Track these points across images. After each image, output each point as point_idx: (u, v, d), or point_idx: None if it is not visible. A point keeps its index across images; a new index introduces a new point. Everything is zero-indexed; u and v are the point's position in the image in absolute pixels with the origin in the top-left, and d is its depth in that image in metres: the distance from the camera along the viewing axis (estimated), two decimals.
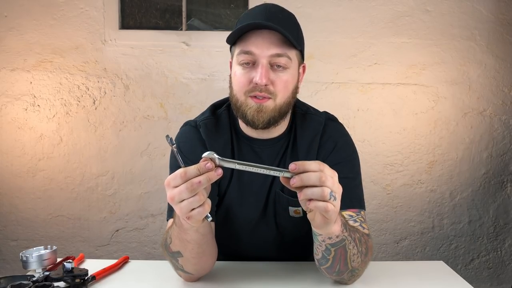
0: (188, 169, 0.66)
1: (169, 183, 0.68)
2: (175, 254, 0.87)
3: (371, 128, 2.27)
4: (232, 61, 0.96)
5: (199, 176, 0.66)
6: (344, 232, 0.79)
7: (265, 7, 0.93)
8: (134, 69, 2.23)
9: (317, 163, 0.68)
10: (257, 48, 0.88)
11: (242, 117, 0.94)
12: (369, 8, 2.22)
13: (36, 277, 0.89)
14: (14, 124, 2.25)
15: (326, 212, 0.69)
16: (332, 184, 0.68)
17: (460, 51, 2.24)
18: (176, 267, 0.91)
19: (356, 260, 0.84)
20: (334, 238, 0.79)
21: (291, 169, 0.67)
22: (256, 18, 0.90)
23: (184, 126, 1.06)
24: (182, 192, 0.66)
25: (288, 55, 0.90)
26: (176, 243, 0.84)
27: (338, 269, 0.85)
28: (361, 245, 0.84)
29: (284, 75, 0.91)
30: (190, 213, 0.68)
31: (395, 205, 2.32)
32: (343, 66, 2.24)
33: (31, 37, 2.21)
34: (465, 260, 2.37)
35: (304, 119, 1.03)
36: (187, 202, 0.67)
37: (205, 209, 0.68)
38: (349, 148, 1.04)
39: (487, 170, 2.31)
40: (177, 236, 0.82)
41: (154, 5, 2.34)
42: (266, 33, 0.88)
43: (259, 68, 0.89)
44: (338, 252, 0.81)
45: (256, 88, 0.89)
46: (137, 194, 2.28)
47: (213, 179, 0.67)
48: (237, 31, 0.89)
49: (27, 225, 2.30)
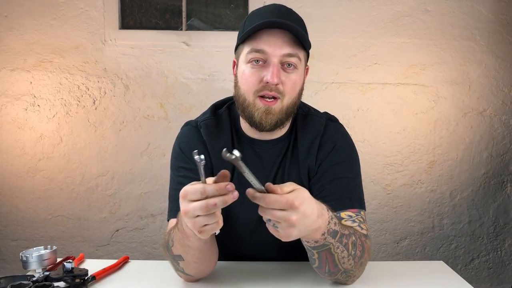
0: (207, 188, 0.66)
1: (185, 195, 0.68)
2: (176, 257, 0.86)
3: (371, 128, 2.27)
4: (238, 60, 0.95)
5: (216, 198, 0.66)
6: (327, 239, 0.78)
7: (275, 6, 0.93)
8: (134, 69, 2.23)
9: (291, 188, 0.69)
10: (269, 47, 0.88)
11: (248, 118, 0.94)
12: (369, 8, 2.22)
13: (36, 277, 0.89)
14: (14, 124, 2.25)
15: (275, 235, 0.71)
16: (275, 216, 0.68)
17: (460, 51, 2.24)
18: (177, 268, 0.91)
19: (347, 262, 0.84)
20: (312, 243, 0.78)
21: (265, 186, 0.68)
22: (268, 17, 0.89)
23: (185, 126, 1.06)
24: (196, 209, 0.66)
25: (299, 56, 0.90)
26: (177, 247, 0.84)
27: (328, 270, 0.85)
28: (354, 248, 0.83)
29: (293, 75, 0.91)
30: (203, 228, 0.69)
31: (395, 205, 2.32)
32: (343, 66, 2.24)
33: (31, 37, 2.21)
34: (465, 260, 2.37)
35: (305, 120, 1.03)
36: (202, 218, 0.67)
37: (218, 226, 0.69)
38: (349, 148, 1.04)
39: (487, 170, 2.31)
40: (179, 240, 0.82)
41: (154, 5, 2.34)
42: (278, 32, 0.88)
43: (270, 67, 0.88)
44: (322, 255, 0.81)
45: (266, 87, 0.89)
46: (137, 194, 2.28)
47: (228, 202, 0.67)
48: (251, 29, 0.88)
49: (27, 225, 2.30)
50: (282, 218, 0.68)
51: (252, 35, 0.89)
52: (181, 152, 1.01)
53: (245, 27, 0.92)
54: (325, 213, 0.76)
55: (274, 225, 0.70)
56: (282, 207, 0.67)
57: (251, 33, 0.89)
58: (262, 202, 0.67)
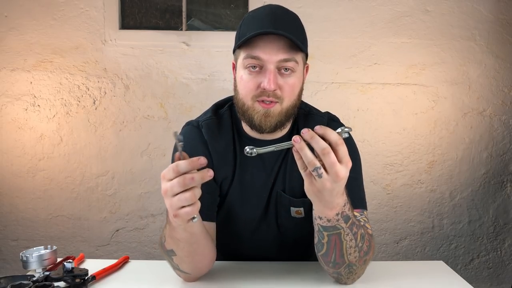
0: (179, 163, 0.68)
1: (164, 176, 0.70)
2: (169, 253, 0.87)
3: (371, 128, 2.27)
4: (236, 64, 0.96)
5: (193, 174, 0.68)
6: (340, 221, 0.78)
7: (270, 9, 0.92)
8: (134, 69, 2.23)
9: (337, 137, 0.68)
10: (264, 54, 0.88)
11: (248, 121, 0.94)
12: (369, 8, 2.22)
13: (36, 277, 0.89)
14: (14, 124, 2.25)
15: (305, 181, 0.72)
16: (330, 163, 0.67)
17: (460, 51, 2.24)
18: (173, 266, 0.91)
19: (353, 253, 0.84)
20: (325, 221, 0.78)
21: (302, 133, 0.68)
22: (263, 23, 0.88)
23: (186, 126, 1.06)
24: (174, 186, 0.68)
25: (295, 59, 0.90)
26: (169, 241, 0.85)
27: (334, 259, 0.84)
28: (362, 241, 0.84)
29: (291, 79, 0.91)
30: (179, 210, 0.69)
31: (395, 205, 2.32)
32: (343, 66, 2.24)
33: (31, 37, 2.22)
34: (465, 260, 2.37)
35: (307, 119, 1.03)
36: (177, 197, 0.68)
37: (193, 210, 0.70)
38: (351, 148, 1.03)
39: (487, 170, 2.31)
40: (169, 234, 0.83)
41: (154, 5, 2.34)
42: (273, 38, 0.87)
43: (267, 74, 0.88)
44: (332, 239, 0.81)
45: (264, 93, 0.89)
46: (137, 194, 2.29)
47: (205, 178, 0.68)
48: (246, 38, 0.88)
49: (27, 225, 2.30)
50: (336, 168, 0.68)
51: (248, 42, 0.89)
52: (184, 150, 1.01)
53: (241, 32, 0.92)
54: (345, 195, 0.77)
55: (318, 174, 0.68)
56: (341, 157, 0.68)
57: (245, 41, 0.89)
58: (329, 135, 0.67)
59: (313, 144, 0.67)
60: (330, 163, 0.67)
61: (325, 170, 0.69)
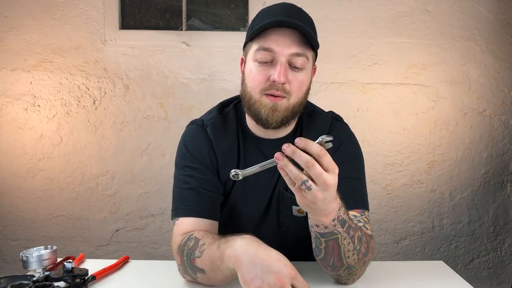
0: None
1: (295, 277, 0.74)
2: (197, 269, 0.84)
3: (371, 128, 2.27)
4: (246, 57, 0.95)
5: None
6: (336, 226, 0.78)
7: (285, 5, 0.93)
8: (134, 69, 2.23)
9: (319, 148, 0.67)
10: (277, 46, 0.87)
11: (254, 115, 0.93)
12: (369, 8, 2.22)
13: (36, 277, 0.89)
14: (14, 124, 2.25)
15: (296, 196, 0.71)
16: (316, 174, 0.67)
17: (460, 51, 2.24)
18: (187, 273, 0.89)
19: (351, 257, 0.83)
20: (322, 228, 0.78)
21: (283, 149, 0.67)
22: (278, 15, 0.88)
23: (191, 125, 1.05)
24: None
25: (307, 55, 0.90)
26: (206, 263, 0.82)
27: (332, 263, 0.84)
28: (360, 243, 0.83)
29: (301, 75, 0.90)
30: None
31: (395, 205, 2.32)
32: (343, 66, 2.24)
33: (31, 37, 2.21)
34: (465, 260, 2.37)
35: (311, 118, 1.03)
36: None
37: None
38: (354, 148, 1.04)
39: (487, 170, 2.31)
40: (212, 259, 0.80)
41: (154, 5, 2.34)
42: (287, 31, 0.87)
43: (277, 66, 0.88)
44: (329, 245, 0.81)
45: (273, 86, 0.89)
46: (137, 194, 2.29)
47: None
48: (260, 27, 0.87)
49: (27, 225, 2.30)
50: (323, 178, 0.67)
51: (261, 34, 0.89)
52: (186, 151, 1.01)
53: (254, 25, 0.92)
54: (338, 199, 0.76)
55: (307, 187, 0.68)
56: (326, 166, 0.67)
57: (260, 31, 0.88)
58: (310, 148, 0.66)
59: (296, 158, 0.66)
60: (317, 174, 0.67)
61: (313, 182, 0.68)
